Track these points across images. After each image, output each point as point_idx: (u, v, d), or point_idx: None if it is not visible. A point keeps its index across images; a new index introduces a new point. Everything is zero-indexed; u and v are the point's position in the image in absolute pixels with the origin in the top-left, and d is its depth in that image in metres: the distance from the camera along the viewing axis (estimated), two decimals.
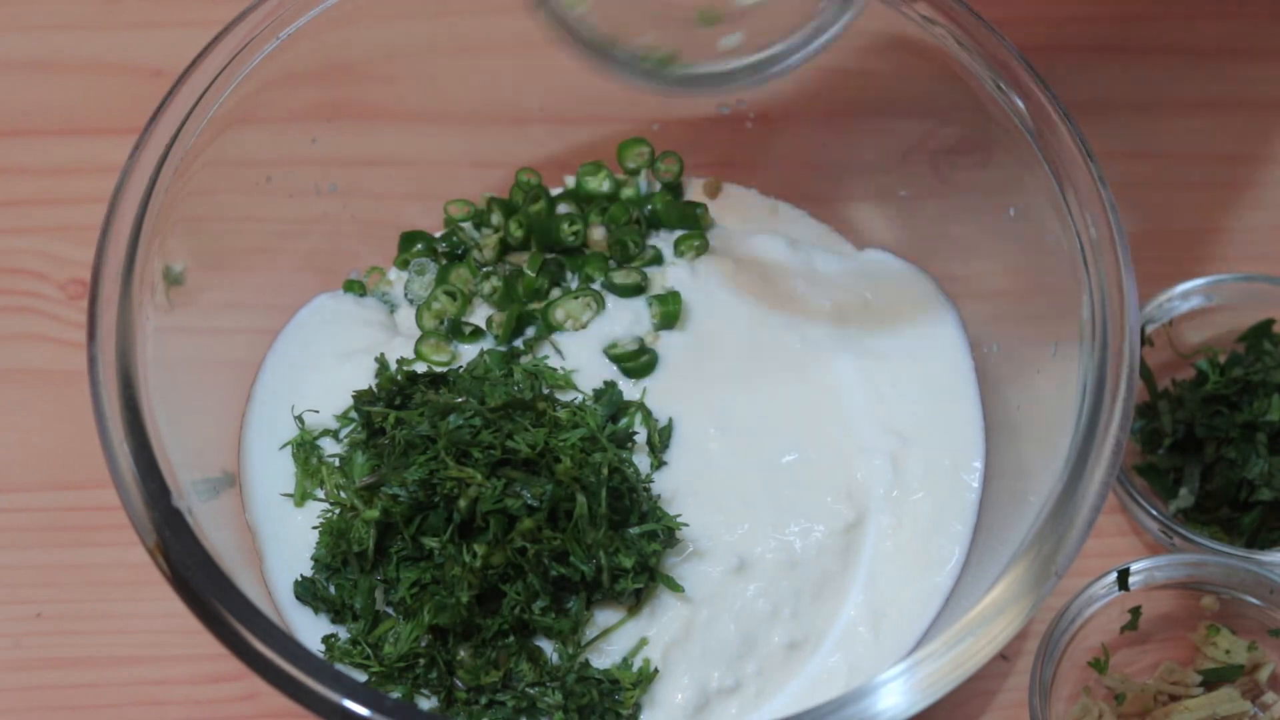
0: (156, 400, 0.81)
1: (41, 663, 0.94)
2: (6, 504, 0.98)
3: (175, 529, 0.77)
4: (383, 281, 0.99)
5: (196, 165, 0.87)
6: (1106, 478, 0.79)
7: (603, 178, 1.00)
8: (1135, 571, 0.90)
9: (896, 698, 0.75)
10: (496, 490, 0.83)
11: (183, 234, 0.87)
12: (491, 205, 0.99)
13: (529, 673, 0.85)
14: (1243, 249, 1.06)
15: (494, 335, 0.94)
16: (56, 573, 0.96)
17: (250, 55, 0.88)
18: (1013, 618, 0.77)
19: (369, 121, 0.99)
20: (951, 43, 0.89)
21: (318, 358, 0.94)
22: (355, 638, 0.86)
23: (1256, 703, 0.90)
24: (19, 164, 1.08)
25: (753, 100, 1.01)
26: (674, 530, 0.87)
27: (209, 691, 0.93)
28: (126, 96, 1.09)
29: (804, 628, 0.88)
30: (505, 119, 1.02)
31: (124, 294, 0.82)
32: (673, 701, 0.86)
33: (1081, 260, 0.84)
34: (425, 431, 0.85)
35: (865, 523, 0.90)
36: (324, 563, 0.87)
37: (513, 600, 0.84)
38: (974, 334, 0.95)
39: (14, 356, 1.02)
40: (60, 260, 1.05)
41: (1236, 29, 1.14)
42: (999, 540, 0.85)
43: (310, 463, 0.91)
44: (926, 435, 0.92)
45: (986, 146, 0.91)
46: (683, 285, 0.95)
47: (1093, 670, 0.91)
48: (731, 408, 0.92)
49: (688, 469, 0.90)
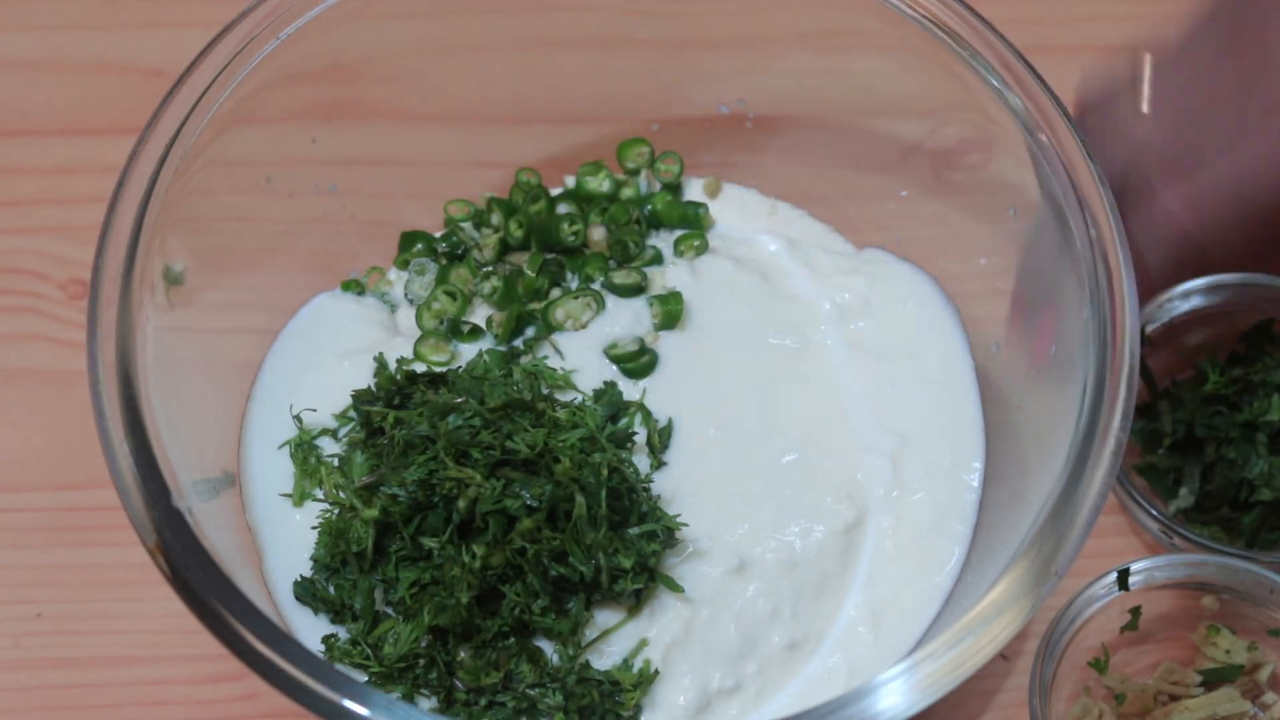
0: (156, 400, 0.81)
1: (41, 663, 0.94)
2: (6, 504, 0.98)
3: (175, 529, 0.77)
4: (383, 281, 0.99)
5: (196, 165, 0.87)
6: (1106, 478, 0.79)
7: (603, 178, 1.00)
8: (1135, 571, 0.90)
9: (896, 698, 0.75)
10: (496, 490, 0.83)
11: (183, 234, 0.87)
12: (491, 205, 0.99)
13: (529, 674, 0.85)
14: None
15: (494, 335, 0.94)
16: (56, 573, 0.96)
17: (250, 55, 0.88)
18: (1013, 618, 0.77)
19: (369, 121, 0.99)
20: (951, 43, 0.89)
21: (318, 357, 0.94)
22: (355, 638, 0.86)
23: (1256, 703, 0.90)
24: (19, 164, 1.08)
25: (753, 100, 1.01)
26: (674, 530, 0.87)
27: (209, 691, 0.93)
28: (126, 96, 1.09)
29: (804, 628, 0.88)
30: (505, 119, 1.02)
31: (124, 294, 0.82)
32: (674, 703, 0.86)
33: (1081, 260, 0.84)
34: (424, 431, 0.85)
35: (865, 523, 0.90)
36: (323, 563, 0.87)
37: (512, 601, 0.84)
38: (974, 334, 0.95)
39: (14, 356, 1.02)
40: (60, 260, 1.05)
41: None
42: (999, 540, 0.85)
43: (309, 462, 0.91)
44: (926, 435, 0.92)
45: (986, 146, 0.91)
46: (683, 285, 0.95)
47: (1093, 670, 0.91)
48: (731, 408, 0.92)
49: (688, 469, 0.90)
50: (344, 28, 0.92)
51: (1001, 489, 0.90)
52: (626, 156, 1.01)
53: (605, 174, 1.00)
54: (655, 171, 1.02)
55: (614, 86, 1.01)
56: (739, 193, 1.03)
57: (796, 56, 0.98)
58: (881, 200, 1.00)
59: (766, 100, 1.01)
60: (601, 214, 0.99)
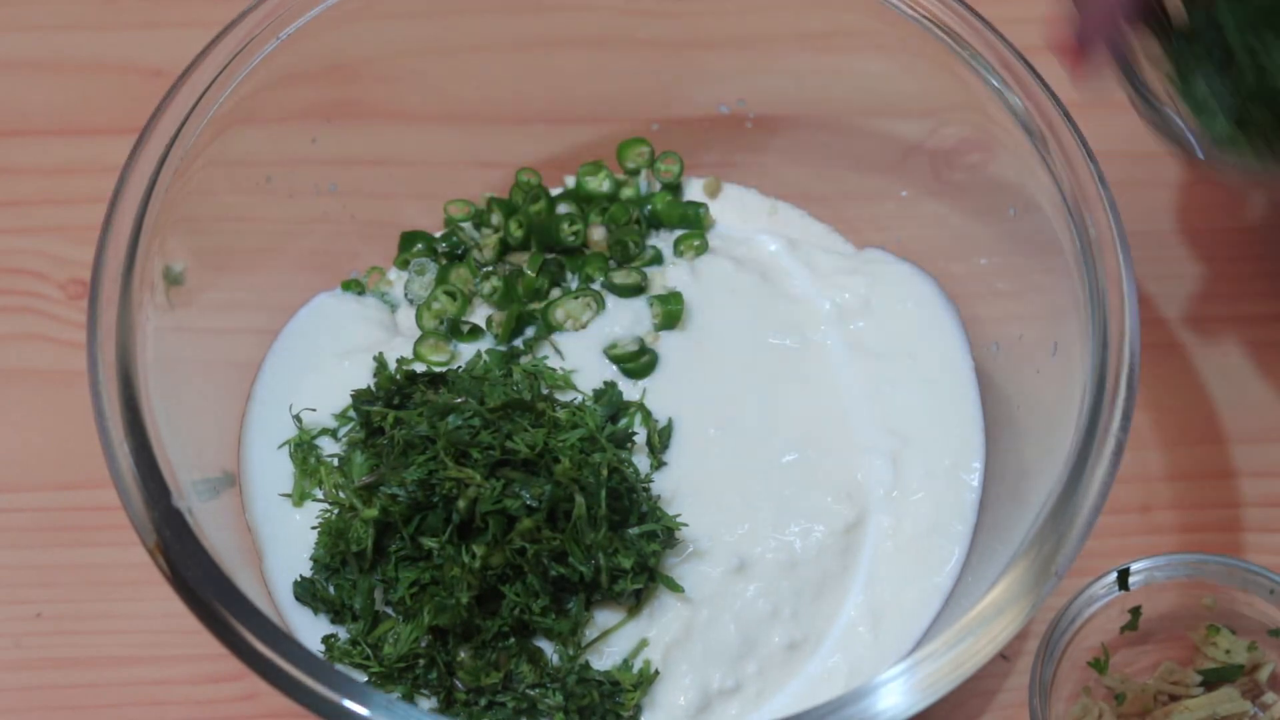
0: (156, 400, 0.81)
1: (41, 663, 0.94)
2: (6, 504, 0.98)
3: (175, 529, 0.77)
4: (382, 281, 0.99)
5: (196, 165, 0.87)
6: (1106, 478, 0.79)
7: (603, 178, 1.00)
8: (1135, 571, 0.90)
9: (896, 698, 0.75)
10: (495, 491, 0.83)
11: (183, 234, 0.87)
12: (491, 205, 0.99)
13: (529, 674, 0.85)
14: (1243, 249, 1.06)
15: (494, 335, 0.94)
16: (56, 573, 0.96)
17: (250, 55, 0.88)
18: (1013, 618, 0.77)
19: (369, 121, 0.99)
20: (951, 43, 0.89)
21: (318, 356, 0.94)
22: (355, 638, 0.85)
23: (1256, 703, 0.90)
24: (19, 164, 1.08)
25: (753, 100, 1.01)
26: (674, 530, 0.87)
27: (209, 691, 0.93)
28: (126, 96, 1.09)
29: (804, 628, 0.88)
30: (505, 119, 1.02)
31: (124, 294, 0.82)
32: (674, 703, 0.86)
33: (1081, 260, 0.84)
34: (424, 432, 0.85)
35: (865, 523, 0.90)
36: (323, 563, 0.87)
37: (512, 601, 0.84)
38: (974, 334, 0.95)
39: (14, 356, 1.02)
40: (60, 260, 1.05)
41: None
42: (999, 540, 0.85)
43: (308, 462, 0.91)
44: (926, 435, 0.92)
45: (986, 146, 0.91)
46: (683, 285, 0.95)
47: (1093, 670, 0.91)
48: (731, 408, 0.92)
49: (688, 469, 0.90)
50: (344, 28, 0.92)
51: (1001, 489, 0.90)
52: (626, 156, 1.01)
53: (605, 174, 1.00)
54: (655, 171, 1.02)
55: (614, 86, 1.01)
56: (739, 193, 1.03)
57: (796, 56, 0.98)
58: (881, 200, 1.00)
59: (766, 100, 1.01)
60: (601, 214, 0.99)
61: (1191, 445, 1.00)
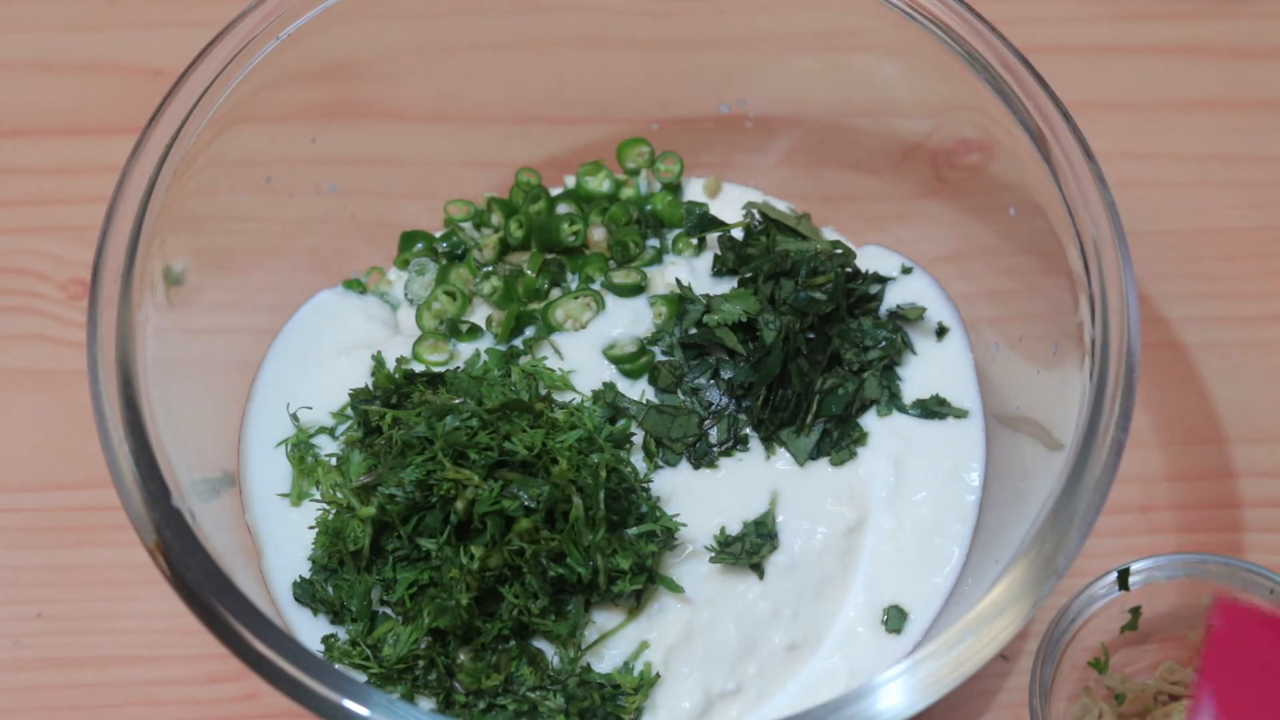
0: (156, 400, 0.81)
1: (41, 663, 0.94)
2: (6, 504, 0.98)
3: (175, 529, 0.77)
4: (383, 281, 0.99)
5: (196, 165, 0.87)
6: (1106, 478, 0.79)
7: (603, 178, 1.00)
8: (1135, 571, 0.90)
9: (896, 698, 0.75)
10: (494, 491, 0.83)
11: (183, 234, 0.87)
12: (491, 205, 0.99)
13: (530, 676, 0.84)
14: (1242, 249, 1.06)
15: (493, 335, 0.94)
16: (56, 573, 0.96)
17: (250, 55, 0.88)
18: (1013, 618, 0.77)
19: (369, 121, 0.99)
20: (952, 43, 0.89)
21: (319, 353, 0.94)
22: (354, 638, 0.85)
23: None
24: (19, 164, 1.08)
25: (753, 100, 1.01)
26: (673, 531, 0.87)
27: (209, 691, 0.93)
28: (126, 96, 1.09)
29: (804, 629, 0.88)
30: (505, 119, 1.02)
31: (124, 294, 0.82)
32: (678, 706, 0.86)
33: (1081, 260, 0.84)
34: (422, 432, 0.85)
35: (866, 524, 0.90)
36: (321, 563, 0.87)
37: (511, 602, 0.83)
38: (974, 334, 0.95)
39: (14, 356, 1.02)
40: (60, 260, 1.05)
41: (1237, 29, 1.14)
42: (999, 540, 0.85)
43: (305, 462, 0.90)
44: (927, 436, 0.92)
45: (986, 146, 0.91)
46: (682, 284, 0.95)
47: (1093, 670, 0.91)
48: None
49: (687, 469, 0.90)
50: (344, 28, 0.92)
51: (1001, 489, 0.90)
52: (626, 156, 1.01)
53: (605, 174, 1.00)
54: (655, 171, 1.02)
55: (614, 86, 1.01)
56: (739, 193, 1.03)
57: (796, 56, 0.98)
58: (881, 200, 1.00)
59: (766, 100, 1.01)
60: (601, 214, 0.99)
61: (1191, 445, 1.00)
